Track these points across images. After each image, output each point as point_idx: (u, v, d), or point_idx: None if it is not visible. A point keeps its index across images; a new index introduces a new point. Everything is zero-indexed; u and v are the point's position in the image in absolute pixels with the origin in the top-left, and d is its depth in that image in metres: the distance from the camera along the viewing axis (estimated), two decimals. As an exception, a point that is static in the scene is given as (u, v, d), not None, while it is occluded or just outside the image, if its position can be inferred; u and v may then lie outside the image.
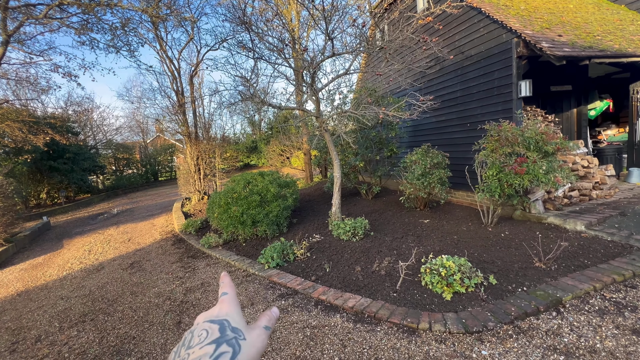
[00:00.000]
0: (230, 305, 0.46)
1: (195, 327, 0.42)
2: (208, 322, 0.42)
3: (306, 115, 6.21)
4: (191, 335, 0.41)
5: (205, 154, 10.71)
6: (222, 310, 0.44)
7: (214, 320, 0.43)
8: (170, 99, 10.98)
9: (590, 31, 5.58)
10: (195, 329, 0.42)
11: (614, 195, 5.33)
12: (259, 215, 5.39)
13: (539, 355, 2.21)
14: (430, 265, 3.30)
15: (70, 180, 14.97)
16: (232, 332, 0.41)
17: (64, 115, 16.86)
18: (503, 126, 4.54)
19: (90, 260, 6.36)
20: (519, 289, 3.03)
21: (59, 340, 3.39)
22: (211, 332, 0.40)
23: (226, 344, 0.39)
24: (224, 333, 0.40)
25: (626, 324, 2.41)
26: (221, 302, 0.46)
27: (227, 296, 0.48)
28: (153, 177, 23.72)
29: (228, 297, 0.47)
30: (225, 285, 0.50)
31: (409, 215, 5.83)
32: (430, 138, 7.02)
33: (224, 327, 0.41)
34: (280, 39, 5.15)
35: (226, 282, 0.51)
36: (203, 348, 0.38)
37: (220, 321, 0.42)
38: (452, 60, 6.23)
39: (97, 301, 4.26)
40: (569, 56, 4.60)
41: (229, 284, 0.50)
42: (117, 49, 9.69)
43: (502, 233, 4.46)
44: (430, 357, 2.34)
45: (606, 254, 3.46)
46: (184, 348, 0.40)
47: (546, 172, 4.06)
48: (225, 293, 0.48)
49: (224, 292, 0.49)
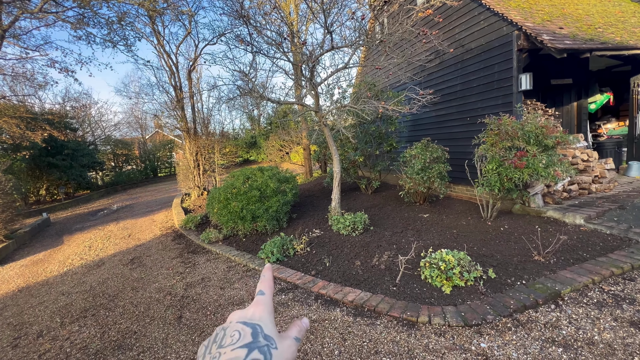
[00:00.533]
0: (265, 309, 0.45)
1: (228, 326, 0.42)
2: (241, 324, 0.41)
3: (305, 110, 6.18)
4: (223, 333, 0.41)
5: (205, 149, 10.68)
6: (257, 314, 0.44)
7: (247, 323, 0.42)
8: (168, 94, 10.91)
9: (591, 23, 5.53)
10: (228, 327, 0.41)
11: (614, 188, 5.33)
12: (258, 210, 5.40)
13: (538, 348, 2.23)
14: (429, 259, 3.31)
15: (70, 176, 14.94)
16: (265, 340, 0.40)
17: (61, 111, 16.77)
18: (503, 120, 4.52)
19: (90, 256, 6.38)
20: (518, 282, 3.04)
21: (61, 335, 3.41)
22: (244, 334, 0.40)
23: (258, 350, 0.38)
24: (256, 338, 0.39)
25: (624, 316, 2.43)
26: (256, 304, 0.45)
27: (263, 297, 0.46)
28: (152, 173, 23.68)
29: (264, 298, 0.46)
30: (264, 281, 0.49)
31: (408, 210, 5.84)
32: (430, 132, 7.00)
33: (257, 333, 0.40)
34: (278, 32, 5.10)
35: (267, 278, 0.49)
36: (235, 350, 0.37)
37: (254, 325, 0.41)
38: (452, 54, 6.18)
39: (98, 297, 4.28)
40: (570, 49, 4.56)
41: (269, 282, 0.49)
42: (114, 44, 9.59)
43: (502, 227, 4.47)
44: (429, 349, 2.36)
45: (605, 248, 3.47)
46: (215, 346, 0.39)
47: (546, 166, 4.06)
48: (262, 293, 0.47)
49: (261, 290, 0.47)
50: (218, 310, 3.41)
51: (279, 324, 2.95)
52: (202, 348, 0.41)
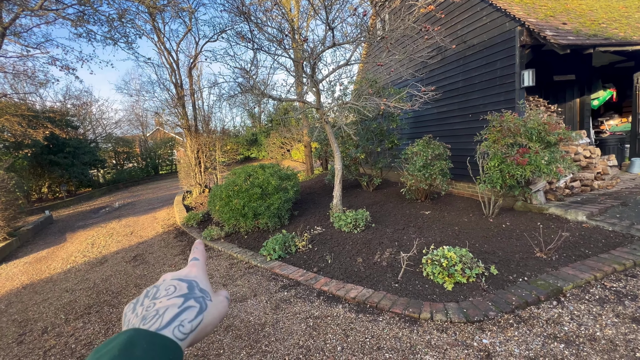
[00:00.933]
0: (200, 269, 0.47)
1: (162, 283, 0.43)
2: (177, 280, 0.43)
3: (306, 107, 6.17)
4: (156, 289, 0.42)
5: (206, 147, 10.68)
6: (192, 273, 0.46)
7: (183, 279, 0.44)
8: (169, 91, 10.89)
9: (595, 19, 5.48)
10: (162, 284, 0.43)
11: (616, 185, 5.32)
12: (260, 207, 5.41)
13: (540, 344, 2.24)
14: (431, 256, 3.31)
15: (71, 174, 14.98)
16: (200, 292, 0.42)
17: (62, 109, 16.77)
18: (505, 117, 4.51)
19: (93, 253, 6.42)
20: (520, 279, 3.05)
21: (65, 331, 3.44)
22: (179, 287, 0.42)
23: (194, 299, 0.40)
24: (192, 291, 0.42)
25: (626, 312, 2.43)
26: (191, 266, 0.48)
27: (197, 262, 0.49)
28: (154, 171, 23.71)
29: (198, 262, 0.49)
30: (197, 251, 0.51)
31: (410, 207, 5.84)
32: (432, 129, 6.98)
33: (193, 287, 0.43)
34: (279, 29, 5.08)
35: (199, 250, 0.52)
36: (171, 299, 0.39)
37: (189, 281, 0.44)
38: (454, 50, 6.14)
39: (102, 293, 4.31)
40: (573, 45, 4.53)
41: (201, 252, 0.52)
42: (115, 41, 9.57)
43: (503, 224, 4.47)
44: (431, 345, 2.37)
45: (607, 244, 3.47)
46: (148, 299, 0.40)
47: (548, 162, 4.05)
48: (196, 259, 0.49)
49: (195, 257, 0.50)
50: (221, 306, 3.43)
51: (281, 321, 2.97)
52: (130, 305, 0.41)
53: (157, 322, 0.36)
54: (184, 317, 0.38)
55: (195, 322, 0.38)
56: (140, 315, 0.38)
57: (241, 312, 3.24)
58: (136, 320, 0.37)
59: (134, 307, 0.40)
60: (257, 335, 2.80)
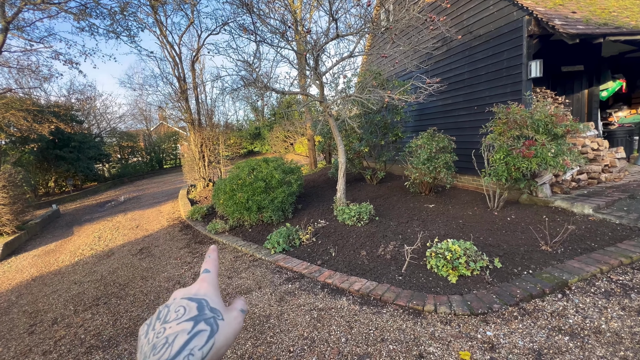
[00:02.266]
0: (210, 285, 0.45)
1: (172, 302, 0.42)
2: (186, 300, 0.42)
3: (309, 100, 6.12)
4: (167, 310, 0.41)
5: (209, 141, 10.70)
6: (202, 290, 0.44)
7: (193, 298, 0.42)
8: (172, 85, 10.89)
9: (605, 7, 5.34)
10: (172, 304, 0.42)
11: (624, 178, 5.25)
12: (264, 201, 5.43)
13: (544, 336, 2.24)
14: (435, 249, 3.31)
15: (77, 168, 15.12)
16: (211, 312, 0.41)
17: (67, 104, 16.86)
18: (512, 108, 4.44)
19: (100, 246, 6.51)
20: (524, 272, 3.04)
21: (75, 322, 3.52)
22: (189, 309, 0.40)
23: (204, 322, 0.39)
24: (202, 312, 0.40)
25: (632, 305, 2.42)
26: (201, 281, 0.46)
27: (208, 275, 0.47)
28: (158, 165, 23.85)
29: (209, 276, 0.47)
30: (209, 261, 0.49)
31: (414, 200, 5.82)
32: (436, 122, 6.91)
33: (203, 306, 0.41)
34: (282, 20, 5.01)
35: (212, 258, 0.50)
36: (181, 324, 0.38)
37: (199, 300, 0.42)
38: (459, 41, 6.04)
39: (109, 285, 4.38)
40: (582, 34, 4.42)
41: (214, 262, 0.49)
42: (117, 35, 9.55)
43: (508, 217, 4.44)
44: (435, 337, 2.39)
45: (614, 237, 3.44)
46: (159, 322, 0.39)
47: (555, 155, 3.99)
48: (208, 271, 0.47)
49: (207, 269, 0.48)
50: (226, 299, 3.47)
51: (285, 313, 3.00)
52: (144, 327, 0.40)
53: (166, 353, 0.35)
54: (194, 344, 0.36)
55: (206, 349, 0.36)
56: (152, 342, 0.37)
57: (246, 304, 3.27)
58: (147, 349, 0.37)
59: (146, 331, 0.39)
60: (262, 327, 2.83)
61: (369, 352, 2.33)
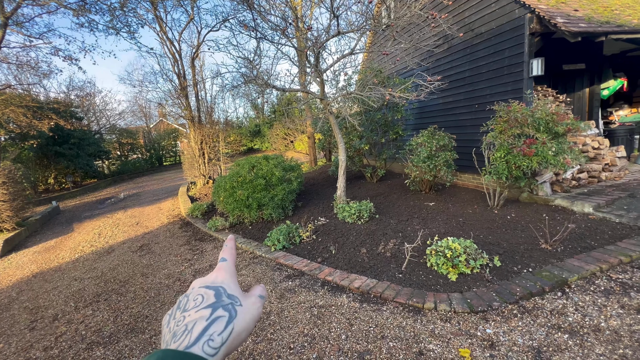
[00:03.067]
0: (227, 272, 0.46)
1: (191, 292, 0.43)
2: (204, 288, 0.42)
3: (310, 98, 6.11)
4: (186, 299, 0.41)
5: (209, 138, 10.68)
6: (219, 278, 0.44)
7: (210, 287, 0.42)
8: (172, 82, 10.85)
9: (607, 5, 5.31)
10: (191, 293, 0.42)
11: (624, 177, 5.25)
12: (264, 198, 5.43)
13: (543, 334, 2.25)
14: (435, 247, 3.32)
15: (77, 165, 15.11)
16: (228, 299, 0.41)
17: (66, 100, 16.81)
18: (512, 107, 4.43)
19: (100, 243, 6.51)
20: (524, 270, 3.05)
21: (75, 318, 3.53)
22: (207, 297, 0.40)
23: (222, 308, 0.39)
24: (219, 298, 0.40)
25: (631, 303, 2.43)
26: (218, 269, 0.46)
27: (225, 263, 0.47)
28: (157, 162, 23.84)
29: (226, 264, 0.47)
30: (226, 250, 0.50)
31: (414, 198, 5.82)
32: (437, 120, 6.89)
33: (220, 293, 0.41)
34: (283, 17, 4.99)
35: (229, 247, 0.50)
36: (199, 311, 0.38)
37: (216, 287, 0.42)
38: (461, 39, 6.01)
39: (110, 282, 4.39)
40: (584, 32, 4.40)
41: (231, 250, 0.50)
42: (117, 31, 9.50)
43: (508, 215, 4.45)
44: (435, 335, 2.40)
45: (613, 236, 3.44)
46: (179, 311, 0.40)
47: (555, 153, 3.99)
48: (224, 259, 0.48)
49: (223, 258, 0.48)
50: (226, 295, 3.48)
51: (286, 310, 3.01)
52: (166, 317, 0.41)
53: (186, 339, 0.36)
54: (213, 329, 0.37)
55: (226, 334, 0.37)
56: (172, 330, 0.38)
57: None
58: (169, 337, 0.37)
59: (168, 320, 0.40)
60: (262, 324, 2.84)
61: (369, 349, 2.34)
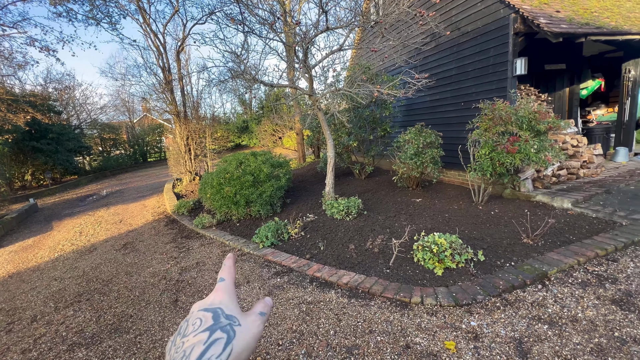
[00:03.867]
0: (225, 293, 0.45)
1: (190, 316, 0.42)
2: (202, 311, 0.42)
3: (298, 94, 6.06)
4: (186, 324, 0.41)
5: (195, 133, 10.47)
6: (216, 299, 0.44)
7: (208, 309, 0.42)
8: (156, 76, 10.54)
9: (587, 7, 5.49)
10: (190, 317, 0.42)
11: (601, 173, 5.47)
12: (252, 195, 5.37)
13: (525, 325, 2.33)
14: (422, 242, 3.37)
15: (56, 161, 14.54)
16: (226, 319, 0.41)
17: (44, 93, 16.09)
18: (497, 105, 4.53)
19: (81, 241, 6.31)
20: (507, 264, 3.14)
21: (56, 319, 3.41)
22: (204, 320, 0.40)
23: (220, 330, 0.39)
24: (217, 320, 0.40)
25: (606, 294, 2.54)
26: (216, 291, 0.46)
27: (223, 283, 0.47)
28: (142, 158, 23.23)
29: (224, 284, 0.47)
30: (225, 269, 0.49)
31: (401, 195, 5.90)
32: (424, 117, 6.98)
33: (218, 315, 0.41)
34: (271, 11, 4.92)
35: (227, 265, 0.50)
36: (197, 336, 0.38)
37: (214, 309, 0.42)
38: (448, 37, 6.09)
39: (92, 281, 4.26)
40: (565, 33, 4.53)
41: (229, 269, 0.49)
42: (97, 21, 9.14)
43: (492, 211, 4.56)
44: (422, 328, 2.44)
45: (591, 230, 3.59)
46: (180, 337, 0.40)
47: (537, 151, 4.11)
48: (223, 279, 0.48)
49: (222, 277, 0.48)
50: (214, 293, 3.44)
51: (275, 306, 3.00)
52: (169, 344, 0.41)
53: None
54: (211, 352, 0.36)
55: (224, 356, 0.36)
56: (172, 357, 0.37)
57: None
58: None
59: (169, 347, 0.40)
60: (251, 321, 2.82)
61: (357, 344, 2.36)
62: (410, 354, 2.21)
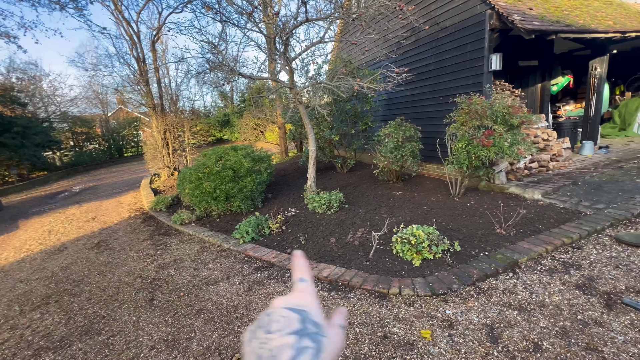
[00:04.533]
0: (310, 296, 0.43)
1: (273, 311, 0.40)
2: (287, 310, 0.39)
3: (279, 87, 5.97)
4: (269, 318, 0.39)
5: (174, 127, 10.14)
6: (302, 300, 0.42)
7: (294, 309, 0.40)
8: (130, 66, 10.09)
9: (558, 5, 5.68)
10: (272, 312, 0.39)
11: (569, 166, 5.75)
12: (232, 190, 5.27)
13: (496, 312, 2.42)
14: (401, 234, 3.43)
15: (22, 156, 13.69)
16: (314, 327, 0.38)
17: (6, 84, 15.05)
18: (473, 99, 4.63)
19: (51, 241, 5.99)
20: (481, 253, 3.25)
21: (21, 323, 3.23)
22: (290, 321, 0.38)
23: (308, 338, 0.37)
24: (304, 325, 0.38)
25: (571, 280, 2.68)
26: (300, 291, 0.43)
27: (305, 284, 0.44)
28: (117, 153, 22.29)
29: (306, 285, 0.44)
30: (302, 269, 0.46)
31: (382, 188, 5.97)
32: (404, 111, 7.06)
33: (304, 319, 0.39)
34: (249, 0, 4.77)
35: (302, 265, 0.46)
36: (284, 337, 0.36)
37: (300, 311, 0.40)
38: (427, 32, 6.15)
39: (61, 282, 4.07)
40: (537, 30, 4.68)
41: (306, 269, 0.46)
42: (62, 6, 8.58)
43: (468, 203, 4.70)
44: (399, 318, 2.49)
45: (558, 220, 3.77)
46: (262, 331, 0.37)
47: (511, 144, 4.25)
48: (304, 280, 0.45)
49: (302, 278, 0.45)
50: (192, 290, 3.36)
51: (254, 302, 2.97)
52: (248, 333, 0.39)
53: None
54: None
55: None
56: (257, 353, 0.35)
57: (213, 295, 3.19)
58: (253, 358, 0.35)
59: (250, 338, 0.38)
60: (230, 317, 2.78)
61: (336, 336, 2.38)
62: (387, 344, 2.25)
